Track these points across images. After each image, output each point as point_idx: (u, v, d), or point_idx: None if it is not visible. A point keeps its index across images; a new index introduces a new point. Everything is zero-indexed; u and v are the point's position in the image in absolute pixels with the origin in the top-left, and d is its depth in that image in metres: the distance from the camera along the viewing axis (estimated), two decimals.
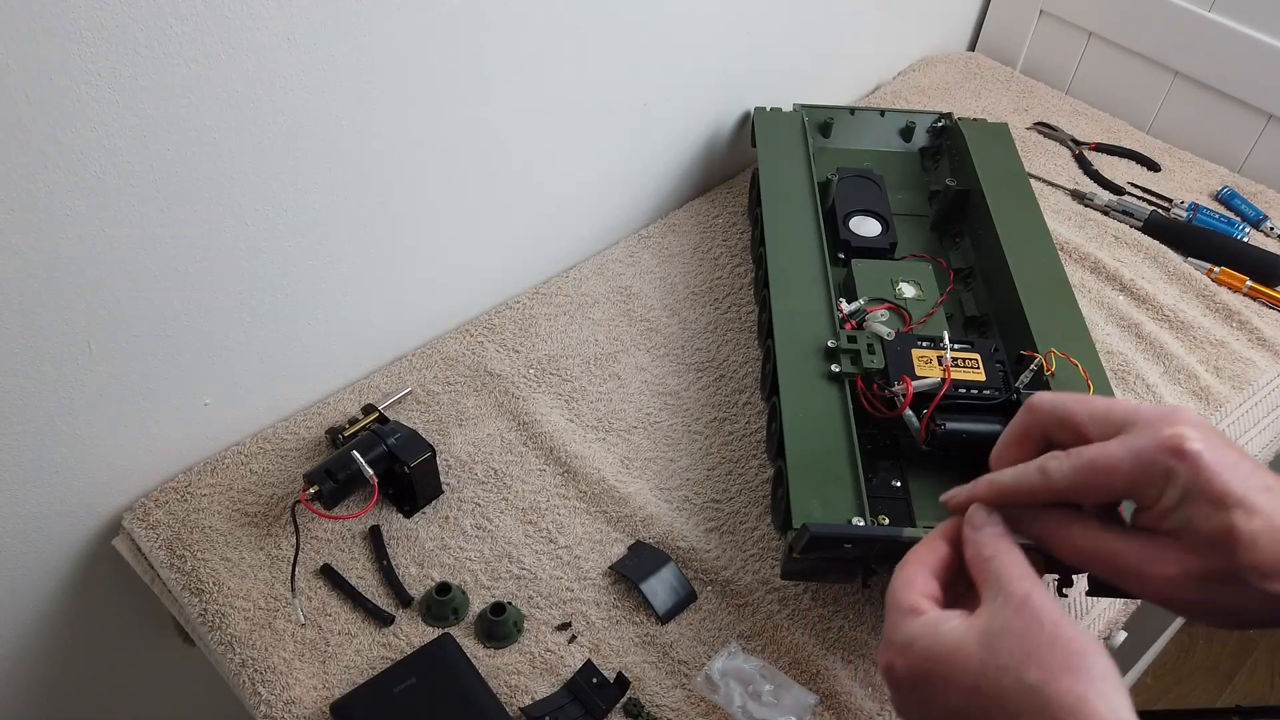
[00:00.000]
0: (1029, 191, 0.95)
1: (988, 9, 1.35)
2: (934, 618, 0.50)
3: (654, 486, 0.81)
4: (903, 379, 0.74)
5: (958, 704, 0.47)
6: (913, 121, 1.07)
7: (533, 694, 0.69)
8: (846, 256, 0.93)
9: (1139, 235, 1.06)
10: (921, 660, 0.48)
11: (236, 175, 0.69)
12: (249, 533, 0.77)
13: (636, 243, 1.03)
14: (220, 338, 0.77)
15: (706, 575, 0.76)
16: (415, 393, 0.87)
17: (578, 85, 0.89)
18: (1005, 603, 0.48)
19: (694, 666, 0.70)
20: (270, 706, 0.68)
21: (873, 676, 0.70)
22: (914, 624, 0.49)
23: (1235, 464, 0.47)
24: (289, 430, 0.84)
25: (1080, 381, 0.76)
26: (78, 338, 0.69)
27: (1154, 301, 0.98)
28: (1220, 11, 1.13)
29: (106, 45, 0.58)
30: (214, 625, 0.72)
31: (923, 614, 0.50)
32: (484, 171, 0.87)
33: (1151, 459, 0.47)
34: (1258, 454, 0.91)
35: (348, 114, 0.73)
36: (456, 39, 0.76)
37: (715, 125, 1.07)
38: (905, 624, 0.50)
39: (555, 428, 0.85)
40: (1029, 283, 0.85)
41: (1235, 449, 0.49)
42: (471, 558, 0.76)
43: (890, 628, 0.51)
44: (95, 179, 0.63)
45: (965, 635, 0.48)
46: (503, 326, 0.93)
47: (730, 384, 0.89)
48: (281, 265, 0.77)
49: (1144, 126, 1.25)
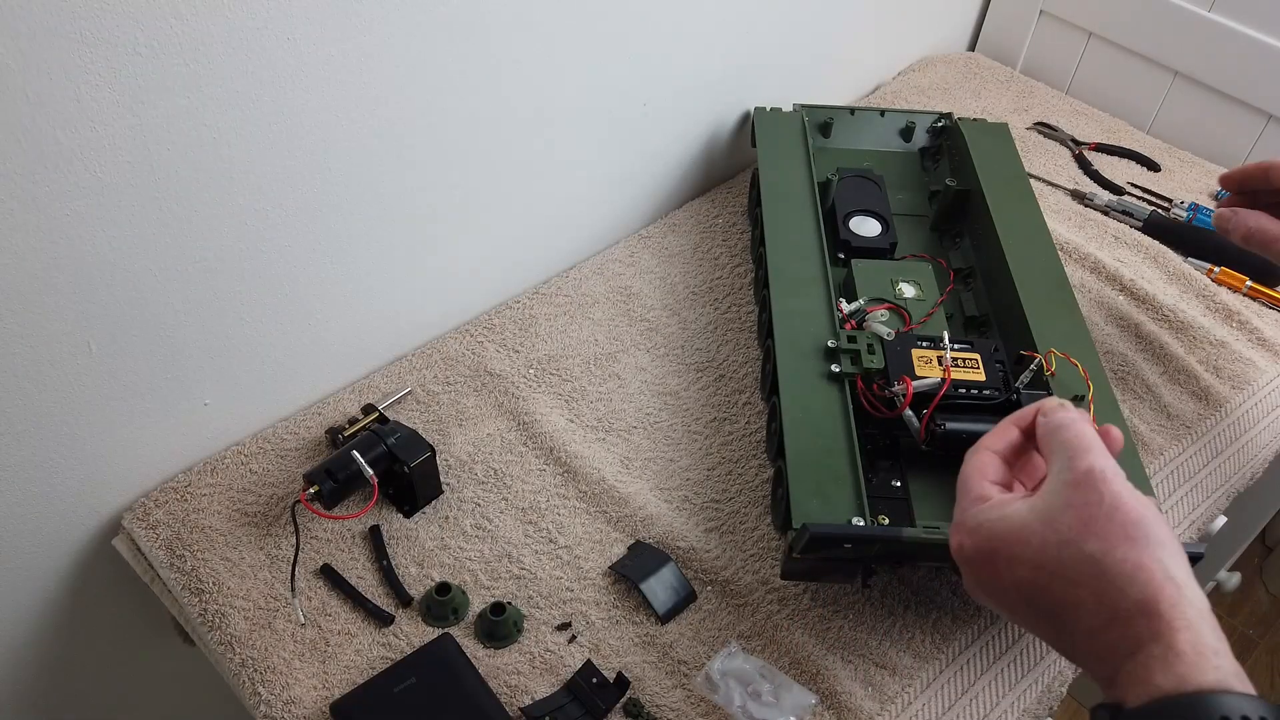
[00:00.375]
0: (1029, 191, 0.95)
1: (988, 9, 1.35)
2: (999, 500, 0.53)
3: (654, 486, 0.81)
4: (903, 379, 0.74)
5: (1023, 577, 0.50)
6: (913, 121, 1.07)
7: (533, 694, 0.69)
8: (846, 256, 0.93)
9: (1139, 235, 1.06)
10: (988, 540, 0.51)
11: (236, 175, 0.69)
12: (249, 533, 0.77)
13: (636, 243, 1.03)
14: (220, 338, 0.77)
15: (706, 575, 0.76)
16: (415, 393, 0.87)
17: (578, 85, 0.89)
18: (1069, 477, 0.50)
19: (694, 666, 0.70)
20: (270, 706, 0.68)
21: (873, 676, 0.70)
22: (982, 509, 0.53)
23: None
24: (289, 430, 0.84)
25: (1080, 381, 0.76)
26: (78, 338, 0.69)
27: (1154, 301, 0.98)
28: (1220, 11, 1.13)
29: (106, 45, 0.58)
30: (214, 625, 0.72)
31: (990, 499, 0.53)
32: (484, 171, 0.87)
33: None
34: (1257, 454, 0.91)
35: (347, 114, 0.73)
36: (456, 39, 0.76)
37: (715, 125, 1.07)
38: (974, 510, 0.53)
39: (555, 428, 0.85)
40: (1029, 283, 0.85)
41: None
42: (471, 558, 0.76)
43: (960, 512, 0.54)
44: (95, 179, 0.63)
45: (1028, 514, 0.50)
46: (503, 326, 0.93)
47: (730, 384, 0.89)
48: (281, 265, 0.77)
49: (1144, 126, 1.25)
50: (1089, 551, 0.47)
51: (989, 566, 0.51)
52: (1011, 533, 0.50)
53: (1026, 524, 0.50)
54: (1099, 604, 0.47)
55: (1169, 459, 0.86)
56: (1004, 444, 0.57)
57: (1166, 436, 0.87)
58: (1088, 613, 0.47)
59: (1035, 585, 0.49)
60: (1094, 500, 0.49)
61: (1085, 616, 0.47)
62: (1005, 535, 0.51)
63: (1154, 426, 0.88)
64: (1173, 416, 0.89)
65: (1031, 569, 0.49)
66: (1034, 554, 0.49)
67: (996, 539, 0.51)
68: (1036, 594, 0.49)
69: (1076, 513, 0.49)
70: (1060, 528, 0.49)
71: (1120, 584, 0.46)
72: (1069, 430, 0.53)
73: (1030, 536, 0.49)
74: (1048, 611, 0.49)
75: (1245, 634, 1.79)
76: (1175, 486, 0.85)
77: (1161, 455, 0.86)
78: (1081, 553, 0.48)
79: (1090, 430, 0.53)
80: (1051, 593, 0.49)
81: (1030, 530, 0.50)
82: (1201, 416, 0.89)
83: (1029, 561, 0.49)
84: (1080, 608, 0.47)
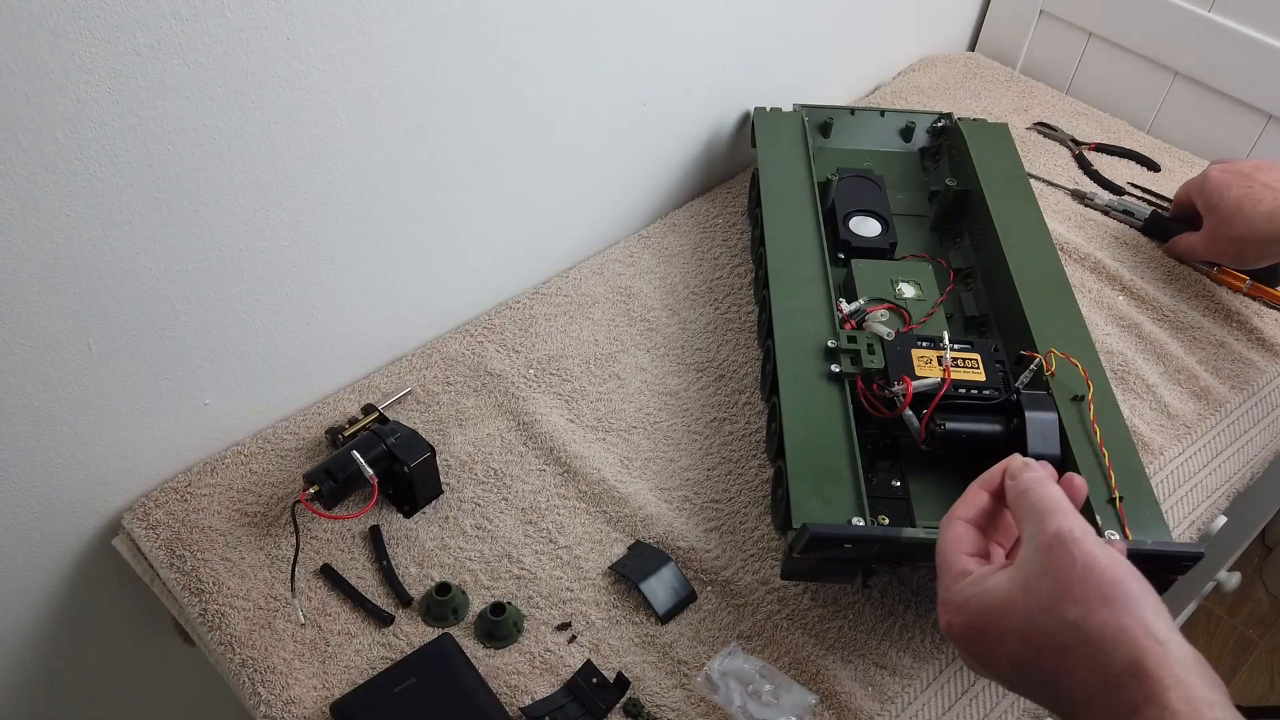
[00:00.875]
0: (1029, 191, 0.95)
1: (988, 9, 1.35)
2: (980, 574, 0.53)
3: (654, 486, 0.81)
4: (903, 379, 0.74)
5: (1015, 650, 0.50)
6: (913, 121, 1.08)
7: (533, 694, 0.69)
8: (846, 256, 0.93)
9: (1139, 235, 1.06)
10: (975, 616, 0.52)
11: (237, 176, 0.69)
12: (249, 533, 0.77)
13: (636, 243, 1.03)
14: (220, 338, 0.77)
15: (706, 575, 0.76)
16: (415, 393, 0.87)
17: (578, 85, 0.89)
18: (1039, 541, 0.51)
19: (694, 666, 0.70)
20: (270, 706, 0.68)
21: (873, 676, 0.70)
22: (964, 584, 0.53)
23: None
24: (289, 430, 0.84)
25: (1080, 381, 0.76)
26: (78, 338, 0.69)
27: (1154, 301, 0.98)
28: (1220, 11, 1.13)
29: (106, 45, 0.58)
30: (214, 625, 0.72)
31: (970, 574, 0.53)
32: (484, 171, 0.87)
33: None
34: (1257, 454, 0.91)
35: (346, 114, 0.73)
36: (456, 40, 0.76)
37: (715, 125, 1.07)
38: (957, 587, 0.53)
39: (555, 428, 0.85)
40: (1029, 283, 0.85)
41: None
42: (471, 558, 0.76)
43: (944, 590, 0.54)
44: (95, 179, 0.63)
45: (1008, 584, 0.51)
46: (503, 326, 0.93)
47: (730, 384, 0.89)
48: (281, 265, 0.77)
49: (1144, 126, 1.25)
50: (1070, 618, 0.48)
51: (980, 642, 0.52)
52: (995, 605, 0.51)
53: (1009, 594, 0.50)
54: (1090, 670, 0.47)
55: (1169, 459, 0.86)
56: (975, 511, 0.58)
57: (1166, 436, 0.87)
58: (1080, 680, 0.47)
59: (1026, 658, 0.49)
60: (1066, 564, 0.49)
61: (1078, 684, 0.47)
62: (990, 608, 0.51)
63: (1154, 426, 0.88)
64: (1173, 416, 0.89)
65: (1020, 641, 0.49)
66: (1020, 625, 0.49)
67: (982, 614, 0.51)
68: (1029, 665, 0.50)
69: (1053, 578, 0.49)
70: (1040, 595, 0.49)
71: (1106, 648, 0.47)
72: (1035, 493, 0.53)
73: (1014, 607, 0.50)
74: (1043, 681, 0.49)
75: (1245, 634, 1.80)
76: (1175, 486, 0.85)
77: (1161, 455, 0.86)
78: (1064, 620, 0.48)
79: (1055, 490, 0.53)
80: (1042, 662, 0.49)
81: (1013, 600, 0.50)
82: (1201, 416, 0.89)
83: (1016, 633, 0.50)
84: (1072, 675, 0.48)
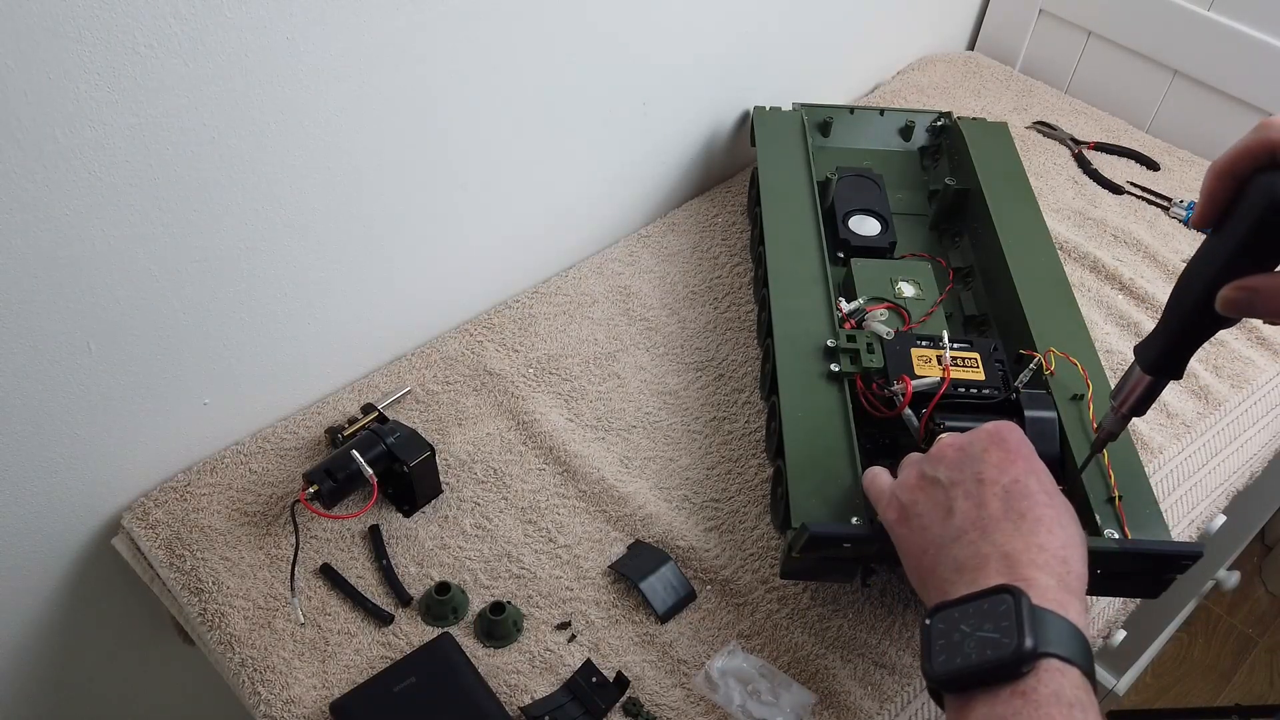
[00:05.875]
0: (1028, 191, 0.95)
1: (987, 8, 1.35)
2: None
3: (653, 486, 0.81)
4: (902, 378, 0.75)
5: (950, 476, 0.59)
6: (912, 121, 1.08)
7: (532, 693, 0.69)
8: (846, 256, 0.93)
9: (1139, 235, 1.05)
10: (909, 479, 0.61)
11: (236, 175, 0.69)
12: (248, 532, 0.77)
13: (636, 242, 1.03)
14: (220, 338, 0.77)
15: (706, 574, 0.76)
16: (415, 392, 0.87)
17: (578, 85, 0.89)
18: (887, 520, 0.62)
19: (693, 666, 0.70)
20: (270, 706, 0.68)
21: (872, 675, 0.71)
22: (885, 478, 0.64)
23: None
24: (288, 430, 0.84)
25: (1080, 381, 0.76)
26: (78, 338, 0.69)
27: (1154, 301, 0.98)
28: (1220, 11, 1.13)
29: (106, 45, 0.58)
30: (213, 625, 0.72)
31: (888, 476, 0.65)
32: (484, 171, 0.87)
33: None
34: (1256, 453, 0.91)
35: (346, 113, 0.73)
36: (456, 39, 0.76)
37: (715, 125, 1.07)
38: (880, 480, 0.64)
39: (555, 427, 0.85)
40: (1029, 282, 0.85)
41: None
42: (471, 557, 0.76)
43: (876, 495, 0.63)
44: (95, 179, 0.63)
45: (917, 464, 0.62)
46: (502, 326, 0.93)
47: (730, 383, 0.89)
48: (281, 265, 0.77)
49: (1144, 126, 1.25)
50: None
51: (921, 490, 0.59)
52: (924, 457, 0.61)
53: (935, 448, 0.61)
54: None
55: (1168, 458, 0.86)
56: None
57: (1166, 435, 0.87)
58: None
59: (959, 482, 0.58)
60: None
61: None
62: (923, 459, 0.61)
63: (1154, 425, 0.88)
64: (1172, 415, 0.89)
65: (950, 467, 0.59)
66: (949, 465, 0.59)
67: (916, 463, 0.61)
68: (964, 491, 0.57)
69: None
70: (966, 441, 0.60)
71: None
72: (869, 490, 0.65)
73: (945, 450, 0.60)
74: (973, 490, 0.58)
75: (1244, 633, 1.80)
76: (1175, 485, 0.85)
77: (1161, 454, 0.86)
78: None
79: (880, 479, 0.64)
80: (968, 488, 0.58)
81: (941, 446, 0.61)
82: (1201, 415, 0.89)
83: (948, 462, 0.59)
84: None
